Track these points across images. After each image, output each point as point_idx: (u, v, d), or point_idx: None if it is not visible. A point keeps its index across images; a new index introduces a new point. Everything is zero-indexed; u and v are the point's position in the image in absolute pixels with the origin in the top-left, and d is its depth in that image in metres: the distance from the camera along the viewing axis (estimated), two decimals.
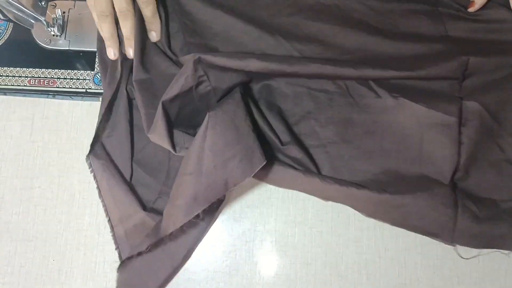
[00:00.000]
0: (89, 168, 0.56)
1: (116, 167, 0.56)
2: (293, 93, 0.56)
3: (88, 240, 0.56)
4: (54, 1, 0.62)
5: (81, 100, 0.61)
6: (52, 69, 0.61)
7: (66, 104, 0.61)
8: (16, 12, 0.55)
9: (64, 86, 0.60)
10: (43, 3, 0.58)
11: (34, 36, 0.61)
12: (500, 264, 0.54)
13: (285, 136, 0.54)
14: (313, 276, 0.55)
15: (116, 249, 0.55)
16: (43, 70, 0.61)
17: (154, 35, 0.56)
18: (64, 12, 0.61)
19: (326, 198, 0.54)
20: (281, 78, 0.56)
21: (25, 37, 0.62)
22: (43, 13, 0.57)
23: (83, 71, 0.60)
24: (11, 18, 0.55)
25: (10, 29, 0.62)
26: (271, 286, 0.55)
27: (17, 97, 0.61)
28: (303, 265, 0.55)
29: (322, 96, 0.56)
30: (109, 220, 0.56)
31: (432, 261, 0.55)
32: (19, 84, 0.60)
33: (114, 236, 0.55)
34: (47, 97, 0.61)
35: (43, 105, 0.61)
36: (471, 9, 0.56)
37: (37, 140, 0.60)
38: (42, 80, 0.60)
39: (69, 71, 0.60)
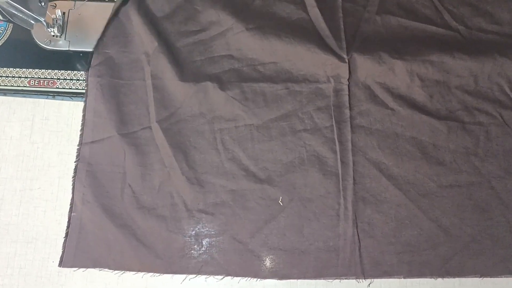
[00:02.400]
0: (85, 81, 0.57)
1: (112, 87, 0.57)
2: (447, 129, 0.56)
3: None
4: (54, 2, 0.61)
5: (81, 101, 0.60)
6: (52, 69, 0.60)
7: (66, 104, 0.61)
8: (16, 12, 0.55)
9: (64, 86, 0.60)
10: (43, 4, 0.58)
11: (34, 37, 0.61)
12: None
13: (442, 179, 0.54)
14: None
15: (75, 161, 0.55)
16: (43, 70, 0.60)
17: None
18: (64, 13, 0.61)
19: None
20: (431, 116, 0.56)
21: (25, 38, 0.61)
22: (43, 14, 0.57)
23: (83, 72, 0.60)
24: (11, 18, 0.55)
25: (10, 30, 0.62)
26: (272, 286, 0.54)
27: (17, 98, 0.61)
28: None
29: (477, 129, 0.56)
30: (81, 135, 0.56)
31: None
32: (19, 84, 0.60)
33: (78, 152, 0.56)
34: (47, 98, 0.61)
35: (43, 106, 0.61)
36: None
37: (37, 141, 0.59)
38: (42, 81, 0.60)
39: (69, 71, 0.60)
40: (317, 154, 0.55)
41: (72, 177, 0.55)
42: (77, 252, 0.53)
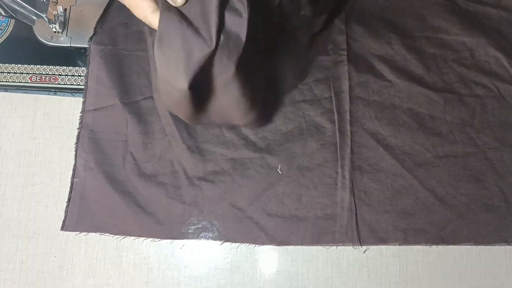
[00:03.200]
0: (87, 53, 0.58)
1: (115, 56, 0.58)
2: (443, 100, 0.57)
3: (89, 237, 0.56)
4: None
5: (82, 97, 0.60)
6: (54, 66, 0.61)
7: (67, 101, 0.61)
8: (18, 8, 0.55)
9: (65, 83, 0.60)
10: (44, 0, 0.58)
11: (35, 33, 0.61)
12: (501, 262, 0.54)
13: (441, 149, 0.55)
14: (314, 273, 0.55)
15: (78, 128, 0.56)
16: (45, 66, 0.61)
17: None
18: (65, 9, 0.61)
19: None
20: (428, 88, 0.57)
21: (26, 34, 0.62)
22: (45, 10, 0.57)
23: (84, 68, 0.60)
24: (13, 14, 0.55)
25: (12, 26, 0.62)
26: (272, 283, 0.55)
27: (19, 94, 0.61)
28: (304, 262, 0.55)
29: (474, 101, 0.57)
30: (84, 102, 0.57)
31: (433, 258, 0.55)
32: (20, 80, 0.60)
33: (81, 119, 0.57)
34: (49, 94, 0.61)
35: (44, 102, 0.61)
36: None
37: (39, 137, 0.60)
38: (43, 77, 0.60)
39: (70, 68, 0.60)
40: (316, 124, 0.56)
41: (75, 144, 0.55)
42: (79, 217, 0.54)
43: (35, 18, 0.58)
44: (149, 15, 0.45)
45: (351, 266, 0.55)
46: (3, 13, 0.55)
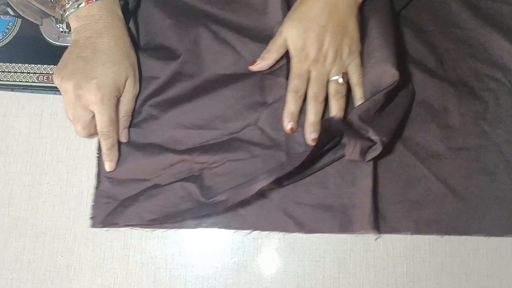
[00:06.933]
0: None
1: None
2: (458, 93, 0.57)
3: (96, 236, 0.56)
4: None
5: None
6: None
7: None
8: (26, 8, 0.55)
9: None
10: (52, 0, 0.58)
11: (42, 33, 0.61)
12: (507, 262, 0.54)
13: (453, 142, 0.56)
14: (322, 273, 0.55)
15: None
16: (52, 66, 0.61)
17: (108, 166, 0.55)
18: None
19: None
20: (441, 81, 0.57)
21: (33, 34, 0.62)
22: (52, 9, 0.57)
23: None
24: (21, 13, 0.55)
25: (18, 26, 0.62)
26: (279, 283, 0.55)
27: (26, 94, 0.61)
28: (311, 262, 0.55)
29: (487, 94, 0.58)
30: None
31: (440, 258, 0.55)
32: (27, 80, 0.60)
33: None
34: (55, 94, 0.61)
35: (51, 101, 0.61)
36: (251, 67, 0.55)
37: (46, 137, 0.60)
38: (50, 77, 0.60)
39: None
40: None
41: (97, 153, 0.57)
42: (106, 214, 0.55)
43: (42, 17, 0.58)
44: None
45: (358, 266, 0.55)
46: (11, 12, 0.55)
